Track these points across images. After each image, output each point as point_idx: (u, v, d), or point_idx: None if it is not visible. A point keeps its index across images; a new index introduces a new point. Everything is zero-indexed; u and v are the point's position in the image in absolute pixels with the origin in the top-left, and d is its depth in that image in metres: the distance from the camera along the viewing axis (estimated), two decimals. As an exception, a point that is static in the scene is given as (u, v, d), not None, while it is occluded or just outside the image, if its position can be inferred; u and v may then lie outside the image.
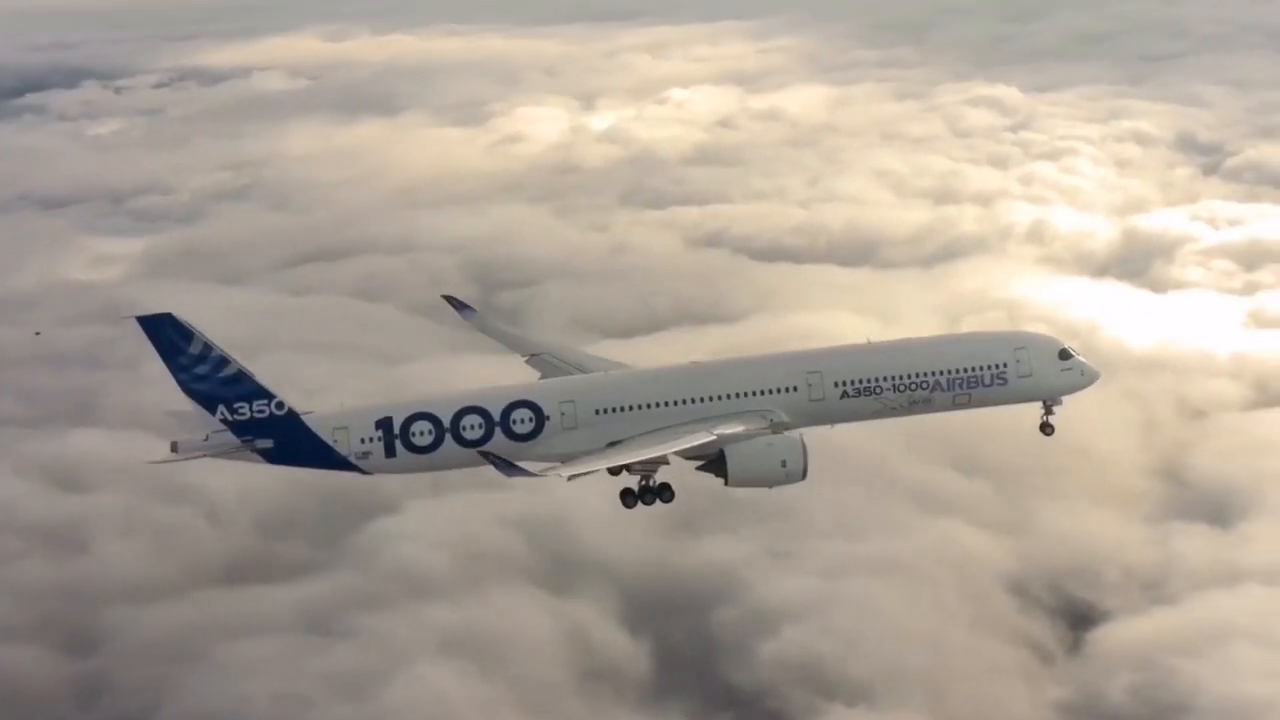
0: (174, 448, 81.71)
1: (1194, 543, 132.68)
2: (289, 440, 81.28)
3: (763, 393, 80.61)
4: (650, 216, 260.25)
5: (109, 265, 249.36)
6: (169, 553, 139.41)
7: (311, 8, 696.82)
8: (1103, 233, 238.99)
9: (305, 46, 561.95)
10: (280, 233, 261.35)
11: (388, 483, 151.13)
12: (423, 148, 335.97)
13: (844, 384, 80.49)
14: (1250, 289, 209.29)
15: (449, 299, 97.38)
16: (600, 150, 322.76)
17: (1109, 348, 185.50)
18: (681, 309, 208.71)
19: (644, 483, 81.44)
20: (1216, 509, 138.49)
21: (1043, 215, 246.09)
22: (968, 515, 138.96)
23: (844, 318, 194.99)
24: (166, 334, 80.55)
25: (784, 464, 76.62)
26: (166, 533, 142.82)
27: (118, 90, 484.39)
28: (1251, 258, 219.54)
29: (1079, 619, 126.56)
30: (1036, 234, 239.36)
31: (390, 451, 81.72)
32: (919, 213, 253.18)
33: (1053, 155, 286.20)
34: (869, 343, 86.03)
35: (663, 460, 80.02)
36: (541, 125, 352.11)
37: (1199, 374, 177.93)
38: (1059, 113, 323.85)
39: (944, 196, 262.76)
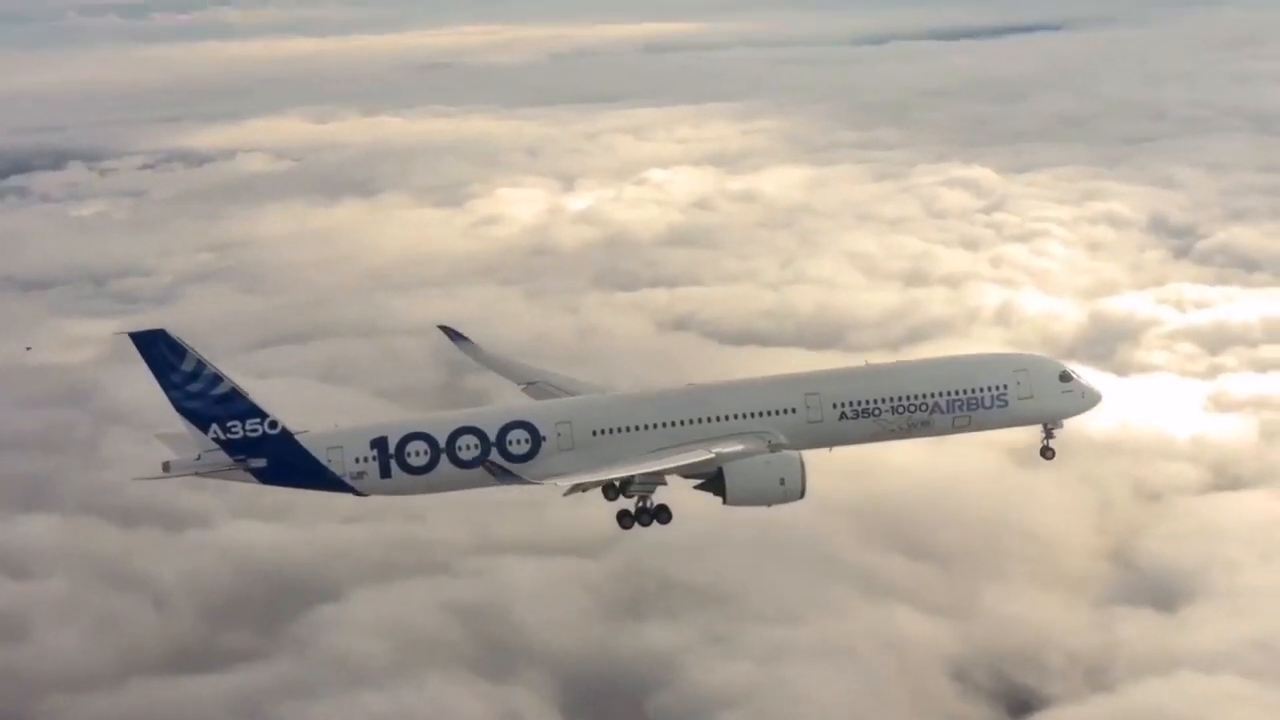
0: (166, 467, 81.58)
1: (1138, 628, 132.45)
2: (282, 460, 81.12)
3: (761, 414, 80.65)
4: (621, 299, 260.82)
5: (79, 348, 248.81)
6: (111, 639, 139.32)
7: (300, 90, 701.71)
8: (1070, 315, 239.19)
9: (291, 128, 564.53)
10: (250, 315, 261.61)
11: (332, 568, 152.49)
12: (399, 229, 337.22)
13: (843, 405, 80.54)
14: (1213, 372, 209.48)
15: (445, 329, 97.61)
16: (576, 231, 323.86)
17: (1068, 431, 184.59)
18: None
19: (641, 504, 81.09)
20: (1163, 593, 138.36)
21: (1011, 298, 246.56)
22: (912, 599, 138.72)
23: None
24: (159, 351, 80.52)
25: (782, 481, 76.56)
26: (110, 619, 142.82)
27: (102, 172, 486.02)
28: (1216, 341, 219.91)
29: (1019, 705, 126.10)
30: (1004, 317, 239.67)
31: (385, 472, 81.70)
32: (889, 295, 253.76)
33: (1025, 237, 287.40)
34: (867, 365, 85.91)
35: (660, 480, 79.83)
36: (519, 206, 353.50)
37: (1157, 457, 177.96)
38: (1033, 194, 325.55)
39: (915, 279, 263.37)
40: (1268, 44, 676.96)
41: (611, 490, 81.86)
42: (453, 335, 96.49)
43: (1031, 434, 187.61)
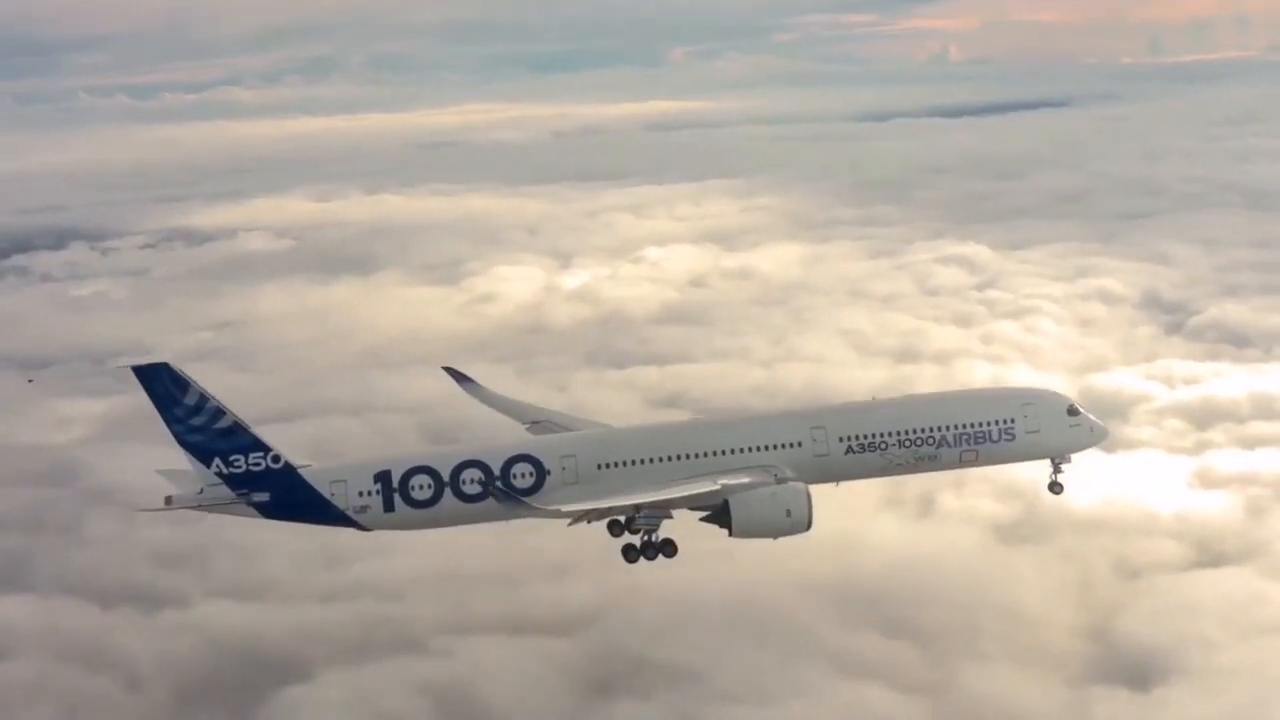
0: (168, 501, 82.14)
1: (1112, 707, 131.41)
2: (286, 494, 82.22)
3: (767, 448, 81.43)
4: (612, 376, 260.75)
5: (69, 427, 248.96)
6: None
7: (304, 169, 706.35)
8: (1061, 392, 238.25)
9: (294, 207, 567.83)
10: (240, 394, 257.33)
11: (306, 648, 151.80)
12: (395, 307, 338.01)
13: (849, 439, 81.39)
14: (1200, 448, 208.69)
15: (450, 370, 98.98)
16: (570, 309, 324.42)
17: (1052, 508, 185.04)
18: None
19: (646, 538, 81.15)
20: (1139, 672, 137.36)
21: (1000, 374, 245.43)
22: (887, 678, 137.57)
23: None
24: (162, 384, 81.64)
25: (789, 513, 77.44)
26: (82, 701, 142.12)
27: (104, 251, 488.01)
28: (1204, 417, 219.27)
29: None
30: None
31: (389, 506, 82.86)
32: (878, 372, 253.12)
33: (1017, 314, 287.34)
34: (874, 399, 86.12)
35: (666, 514, 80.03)
36: (515, 284, 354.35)
37: (1140, 534, 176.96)
38: (1027, 271, 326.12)
39: (905, 355, 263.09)
40: (1268, 121, 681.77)
41: (617, 526, 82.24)
42: (458, 377, 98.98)
43: (1015, 511, 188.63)
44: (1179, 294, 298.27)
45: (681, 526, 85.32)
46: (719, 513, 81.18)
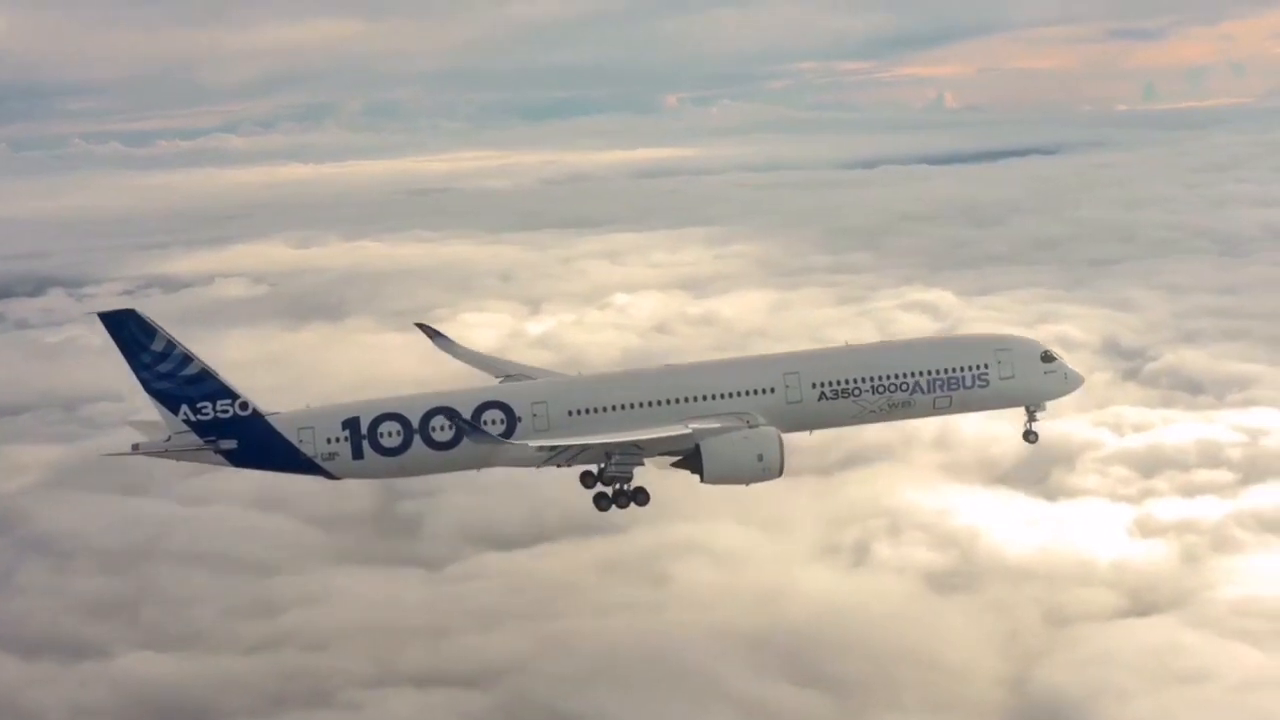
0: (135, 448, 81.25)
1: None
2: (253, 441, 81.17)
3: (739, 394, 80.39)
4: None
5: (21, 474, 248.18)
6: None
7: (287, 216, 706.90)
8: (1009, 438, 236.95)
9: (273, 253, 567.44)
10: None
11: (223, 699, 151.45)
12: (359, 353, 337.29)
13: (822, 385, 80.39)
14: (1144, 496, 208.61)
15: (422, 326, 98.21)
16: (532, 355, 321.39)
17: (986, 556, 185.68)
18: (569, 520, 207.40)
19: (618, 486, 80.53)
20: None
21: (950, 421, 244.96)
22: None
23: (725, 528, 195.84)
24: (129, 330, 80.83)
25: (760, 458, 76.72)
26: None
27: (80, 298, 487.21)
28: (1149, 464, 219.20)
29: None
30: (942, 441, 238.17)
31: (357, 453, 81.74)
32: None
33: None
34: (847, 345, 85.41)
35: (638, 461, 79.25)
36: (480, 330, 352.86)
37: (1073, 583, 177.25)
38: (989, 317, 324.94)
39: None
40: (1252, 167, 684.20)
41: (590, 478, 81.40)
42: (430, 333, 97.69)
43: (949, 560, 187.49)
44: (1138, 340, 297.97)
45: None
46: (690, 458, 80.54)
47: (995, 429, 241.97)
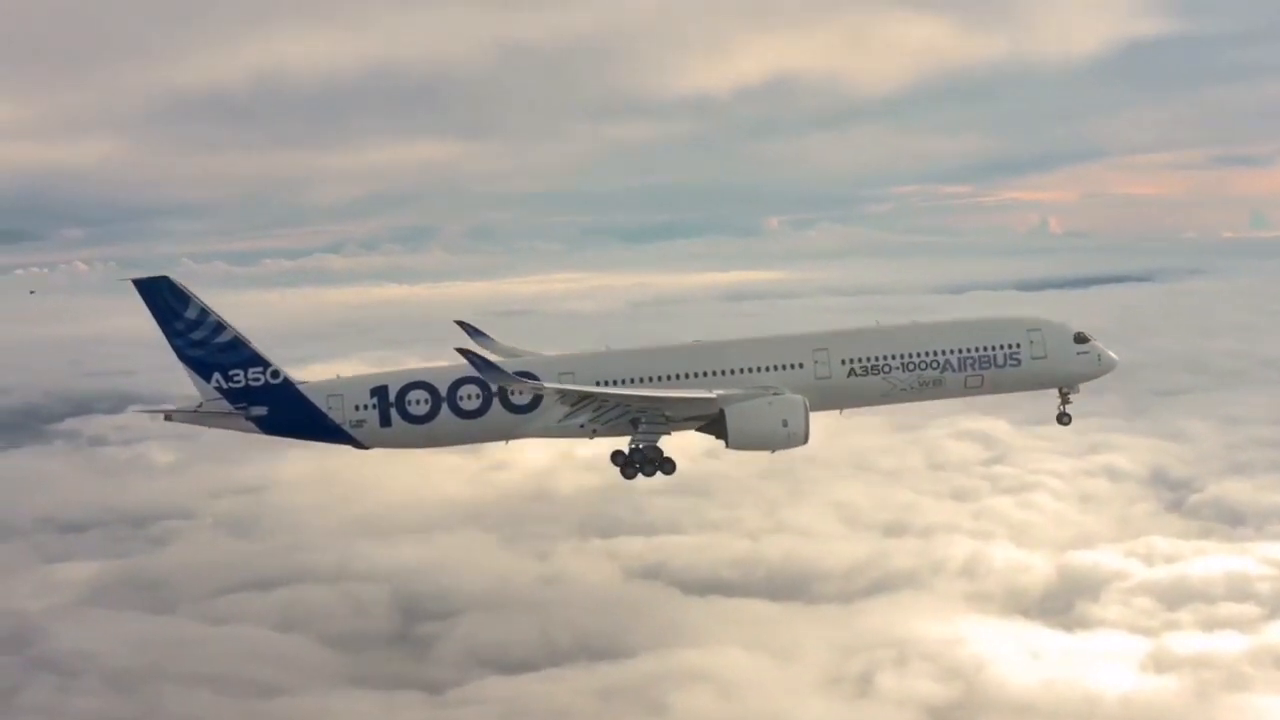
0: (167, 416, 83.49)
1: None
2: (283, 408, 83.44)
3: (769, 369, 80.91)
4: (595, 545, 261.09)
5: (52, 592, 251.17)
6: None
7: (372, 336, 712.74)
8: (1039, 568, 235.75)
9: (352, 371, 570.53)
10: (230, 559, 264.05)
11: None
12: (411, 473, 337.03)
13: (851, 362, 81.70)
14: (1166, 628, 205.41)
15: (461, 324, 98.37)
16: (579, 477, 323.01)
17: (990, 689, 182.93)
18: (582, 643, 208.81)
19: (643, 454, 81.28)
20: None
21: (981, 550, 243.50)
22: None
23: (734, 654, 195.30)
24: (163, 297, 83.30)
25: (785, 423, 77.90)
26: None
27: (155, 417, 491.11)
28: (1175, 597, 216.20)
29: None
30: (970, 570, 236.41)
31: (385, 420, 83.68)
32: (861, 546, 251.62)
33: (1017, 490, 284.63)
34: (878, 325, 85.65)
35: (664, 429, 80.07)
36: (532, 452, 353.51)
37: (1076, 718, 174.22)
38: (1040, 447, 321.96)
39: (894, 529, 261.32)
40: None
41: (620, 456, 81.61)
42: (470, 330, 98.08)
43: (954, 693, 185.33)
44: (1187, 471, 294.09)
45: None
46: (715, 424, 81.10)
47: (1027, 559, 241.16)
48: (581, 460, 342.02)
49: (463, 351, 78.11)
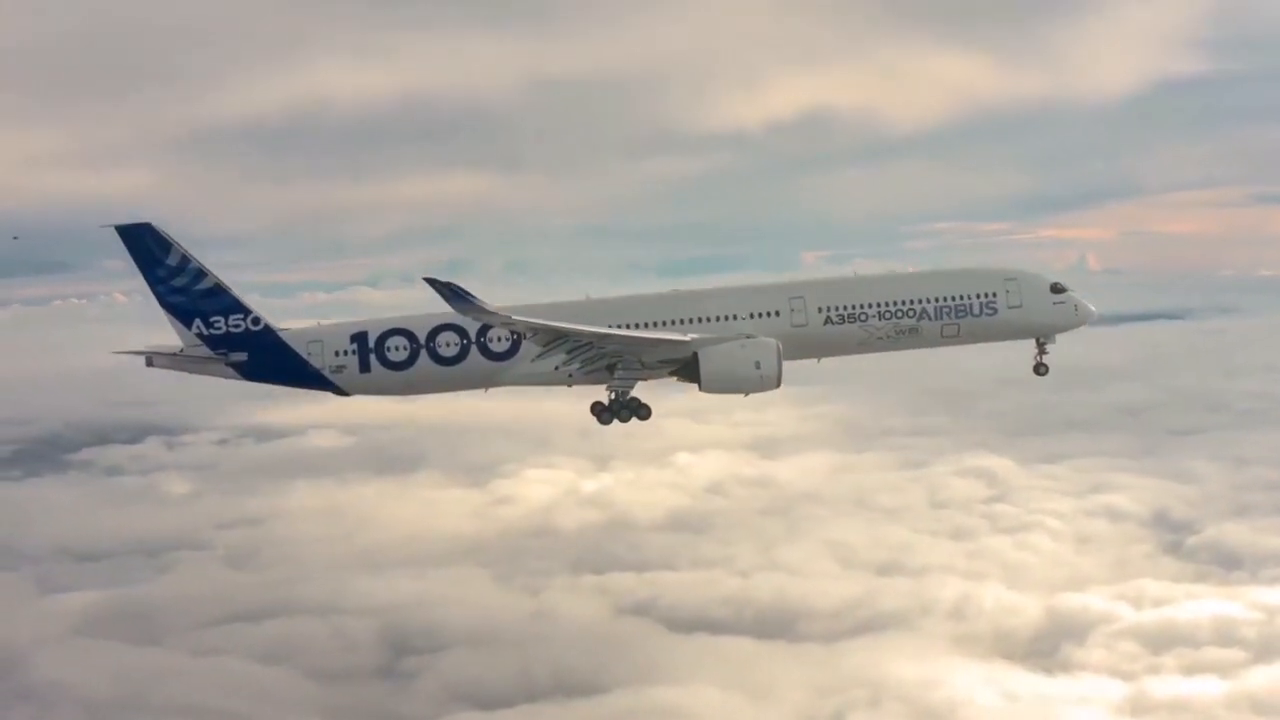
0: (149, 361, 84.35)
1: None
2: (264, 354, 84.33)
3: (745, 317, 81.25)
4: (588, 582, 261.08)
5: (46, 622, 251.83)
6: None
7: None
8: (1028, 610, 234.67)
9: (373, 406, 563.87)
10: (224, 590, 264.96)
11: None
12: (413, 507, 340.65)
13: (828, 309, 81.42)
14: (1147, 672, 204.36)
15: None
16: (580, 513, 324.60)
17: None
18: (561, 680, 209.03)
19: (617, 397, 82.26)
20: None
21: (971, 591, 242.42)
22: None
23: (709, 693, 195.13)
24: (145, 244, 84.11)
25: (758, 365, 78.13)
26: None
27: (173, 446, 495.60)
28: (1161, 641, 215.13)
29: None
30: (959, 611, 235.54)
31: (365, 366, 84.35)
32: (852, 586, 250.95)
33: (1015, 529, 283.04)
34: (855, 274, 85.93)
35: (640, 375, 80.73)
36: (539, 487, 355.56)
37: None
38: (1043, 486, 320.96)
39: (887, 569, 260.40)
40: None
41: (600, 407, 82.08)
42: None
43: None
44: (1189, 512, 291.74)
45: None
46: (689, 367, 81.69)
47: (1017, 601, 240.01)
48: (586, 496, 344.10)
49: (431, 281, 78.67)
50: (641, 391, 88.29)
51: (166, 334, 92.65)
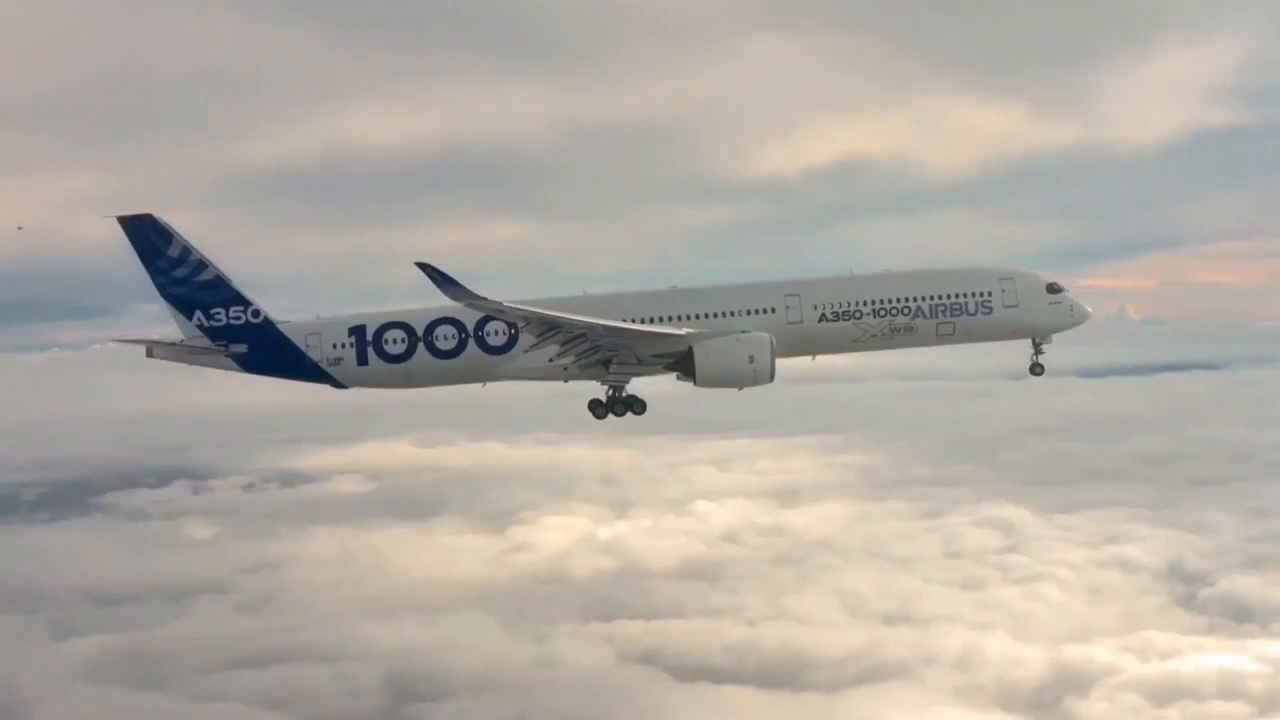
0: (149, 351, 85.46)
1: None
2: (263, 346, 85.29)
3: (741, 313, 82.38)
4: (594, 629, 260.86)
5: (56, 667, 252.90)
6: None
7: (427, 415, 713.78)
8: (1033, 662, 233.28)
9: (397, 451, 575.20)
10: (232, 636, 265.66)
11: None
12: (429, 554, 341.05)
13: (823, 307, 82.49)
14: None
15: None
16: (593, 561, 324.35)
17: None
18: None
19: (613, 393, 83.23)
20: None
21: (977, 641, 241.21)
22: None
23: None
24: (146, 235, 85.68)
25: (752, 359, 79.23)
26: None
27: (197, 491, 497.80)
28: (1165, 694, 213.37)
29: None
30: (964, 662, 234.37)
31: (362, 359, 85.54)
32: (859, 635, 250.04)
33: (1026, 580, 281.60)
34: (851, 273, 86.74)
35: (635, 370, 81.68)
36: (554, 534, 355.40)
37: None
38: (1057, 536, 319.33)
39: (895, 619, 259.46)
40: None
41: (595, 402, 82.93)
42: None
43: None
44: (1203, 564, 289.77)
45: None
46: (684, 362, 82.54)
47: (1022, 652, 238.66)
48: (601, 543, 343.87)
49: (422, 266, 79.52)
50: (637, 387, 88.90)
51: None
